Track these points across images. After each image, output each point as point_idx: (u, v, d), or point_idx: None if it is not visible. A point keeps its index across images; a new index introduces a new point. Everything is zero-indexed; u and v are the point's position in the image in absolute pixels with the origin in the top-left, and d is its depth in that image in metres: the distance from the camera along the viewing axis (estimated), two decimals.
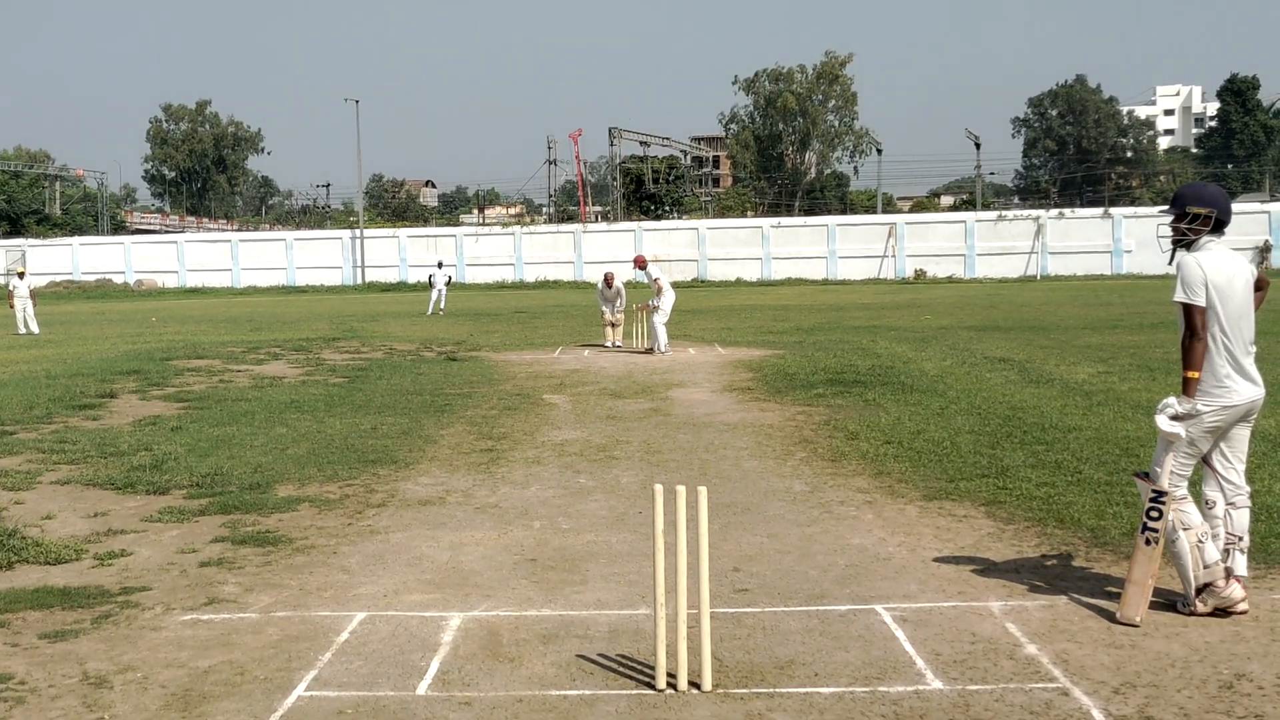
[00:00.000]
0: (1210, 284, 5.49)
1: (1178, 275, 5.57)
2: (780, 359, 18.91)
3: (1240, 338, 5.57)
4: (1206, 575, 5.59)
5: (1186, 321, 5.50)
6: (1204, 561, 5.59)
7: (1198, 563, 5.59)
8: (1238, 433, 5.68)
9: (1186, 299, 5.49)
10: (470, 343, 24.17)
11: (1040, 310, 31.85)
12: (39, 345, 25.81)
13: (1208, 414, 5.53)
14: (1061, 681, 4.88)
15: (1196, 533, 5.61)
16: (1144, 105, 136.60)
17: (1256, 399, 5.61)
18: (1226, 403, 5.52)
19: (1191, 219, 5.67)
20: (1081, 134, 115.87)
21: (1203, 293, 5.47)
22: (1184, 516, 5.62)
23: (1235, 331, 5.54)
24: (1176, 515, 5.59)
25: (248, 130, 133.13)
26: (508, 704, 4.75)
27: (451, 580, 6.60)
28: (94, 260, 70.41)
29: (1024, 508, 7.98)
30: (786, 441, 11.00)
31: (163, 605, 6.18)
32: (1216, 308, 5.51)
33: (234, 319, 36.03)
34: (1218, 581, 5.57)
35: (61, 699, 4.87)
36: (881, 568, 6.67)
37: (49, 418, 13.22)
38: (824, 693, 4.81)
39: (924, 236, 62.59)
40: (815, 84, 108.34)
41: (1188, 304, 5.49)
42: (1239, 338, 5.56)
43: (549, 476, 9.57)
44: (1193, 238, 5.67)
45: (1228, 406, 5.52)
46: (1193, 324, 5.47)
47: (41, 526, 7.99)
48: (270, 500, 8.72)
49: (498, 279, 64.90)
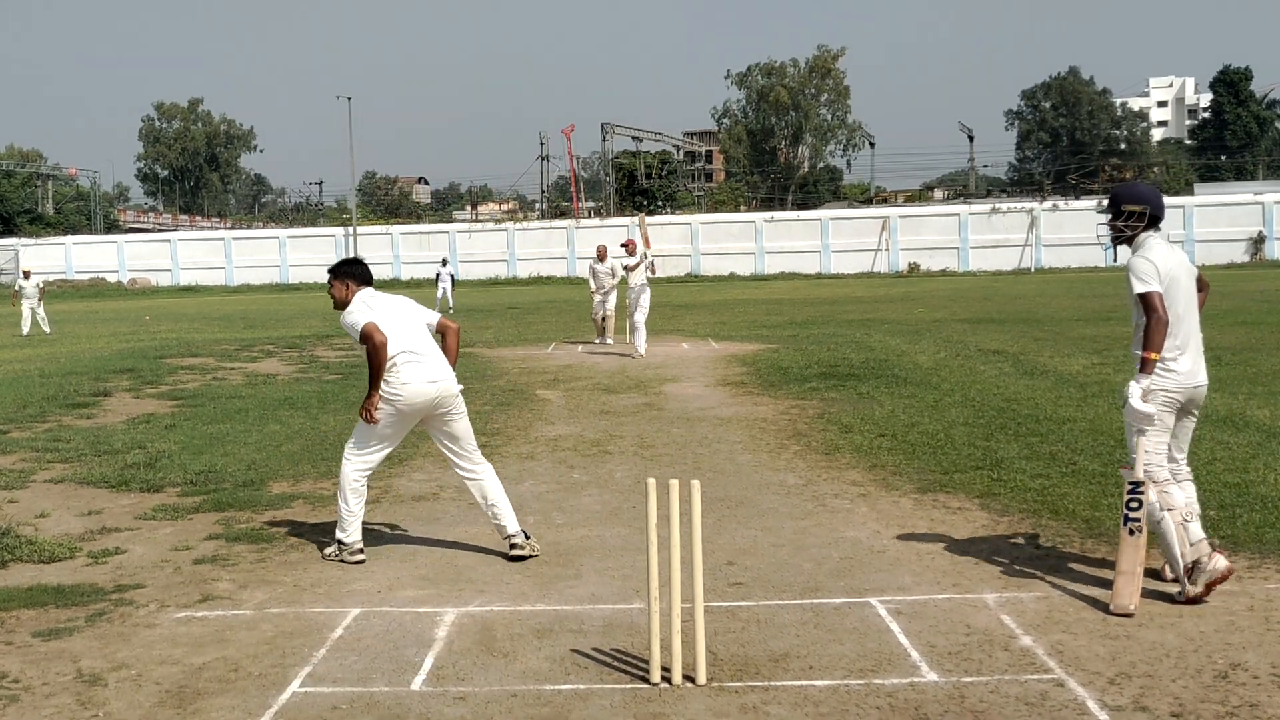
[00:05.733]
0: (1161, 273, 5.83)
1: (1130, 272, 5.88)
2: (774, 353, 18.91)
3: (1189, 322, 5.92)
4: (1193, 553, 5.73)
5: (1147, 307, 5.78)
6: (1190, 540, 5.75)
7: (1183, 541, 5.74)
8: (1183, 423, 6.02)
9: (1146, 288, 5.80)
10: (463, 339, 24.14)
11: (1034, 302, 31.88)
12: (32, 344, 25.76)
13: (1160, 390, 5.82)
14: (1057, 673, 4.88)
15: (1180, 513, 5.79)
16: (1137, 97, 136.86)
17: (1197, 392, 5.95)
18: (1181, 377, 5.85)
19: (1128, 216, 6.02)
20: (1075, 126, 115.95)
21: (1157, 281, 5.80)
22: (1167, 498, 5.80)
23: (1179, 324, 5.84)
24: (1160, 497, 5.77)
25: (240, 128, 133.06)
26: (502, 699, 4.75)
27: (445, 575, 6.59)
28: (87, 259, 70.30)
29: (1018, 499, 7.99)
30: (780, 435, 10.99)
31: (157, 603, 6.17)
32: (1170, 300, 5.82)
33: (227, 317, 35.98)
34: (1203, 558, 5.69)
35: (56, 697, 4.86)
36: (876, 560, 6.68)
37: (42, 416, 13.20)
38: (819, 685, 4.81)
39: (917, 230, 62.59)
40: (808, 78, 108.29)
41: (1147, 292, 5.79)
42: (1188, 322, 5.90)
43: (543, 471, 9.56)
44: (1130, 234, 6.03)
45: (1171, 391, 5.83)
46: (1154, 308, 5.76)
47: (35, 525, 7.97)
48: (264, 497, 8.71)
49: (491, 275, 64.84)
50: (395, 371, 6.78)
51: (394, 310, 6.96)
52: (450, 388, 6.92)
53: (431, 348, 6.98)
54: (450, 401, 6.93)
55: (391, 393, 6.79)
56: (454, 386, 6.94)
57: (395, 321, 6.87)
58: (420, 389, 6.80)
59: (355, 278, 7.10)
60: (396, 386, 6.78)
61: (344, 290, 7.06)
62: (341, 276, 7.10)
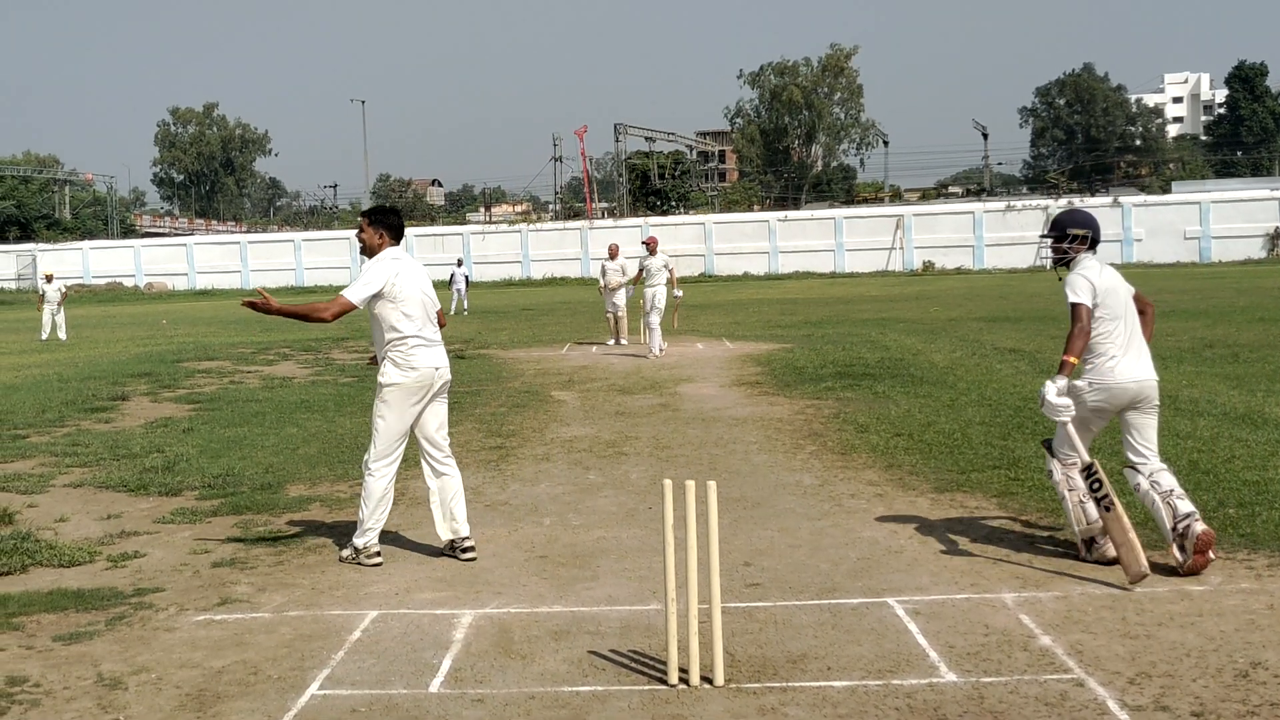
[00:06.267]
0: (1097, 289, 6.45)
1: (1067, 286, 6.50)
2: (789, 353, 18.89)
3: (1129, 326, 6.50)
4: (1088, 531, 6.45)
5: (1073, 318, 6.40)
6: (1086, 519, 6.44)
7: (1080, 519, 6.47)
8: (1136, 420, 6.51)
9: (1077, 299, 6.42)
10: (478, 340, 24.20)
11: (1050, 300, 31.76)
12: (50, 349, 25.88)
13: (1090, 394, 6.47)
14: (1076, 672, 4.86)
15: (1078, 494, 6.48)
16: (1152, 93, 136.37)
17: (1141, 387, 6.45)
18: (1109, 386, 6.43)
19: (1071, 239, 6.66)
20: (1090, 123, 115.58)
21: (1089, 297, 6.42)
22: (1071, 480, 6.51)
23: (1117, 327, 6.46)
24: (1064, 477, 6.52)
25: (255, 132, 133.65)
26: (520, 701, 4.75)
27: (463, 578, 6.60)
28: (104, 264, 70.68)
29: (1036, 499, 7.96)
30: (796, 435, 10.98)
31: (176, 606, 6.19)
32: (1102, 309, 6.44)
33: (243, 320, 36.08)
34: (1099, 538, 6.42)
35: (76, 701, 4.88)
36: (893, 560, 6.66)
37: (61, 421, 13.26)
38: (837, 686, 4.80)
39: (932, 228, 62.41)
40: (821, 77, 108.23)
41: (1076, 304, 6.42)
42: (1120, 333, 6.47)
43: (558, 473, 9.57)
44: (1072, 255, 6.65)
45: (1108, 389, 6.43)
46: (1078, 318, 6.39)
47: (55, 529, 8.01)
48: (282, 500, 8.74)
49: (505, 276, 64.94)
50: (409, 353, 6.92)
51: (415, 289, 6.99)
52: (447, 374, 7.14)
53: (438, 334, 7.13)
54: (445, 387, 7.13)
55: (401, 375, 6.90)
56: (448, 373, 7.15)
57: (414, 303, 6.96)
58: (427, 374, 6.95)
59: (390, 229, 7.15)
60: (406, 368, 6.91)
61: (376, 239, 7.11)
62: (376, 224, 7.13)
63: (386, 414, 6.95)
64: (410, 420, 7.01)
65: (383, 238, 7.11)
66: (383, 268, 6.96)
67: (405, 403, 6.94)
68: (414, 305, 6.95)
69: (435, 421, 7.11)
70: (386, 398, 6.93)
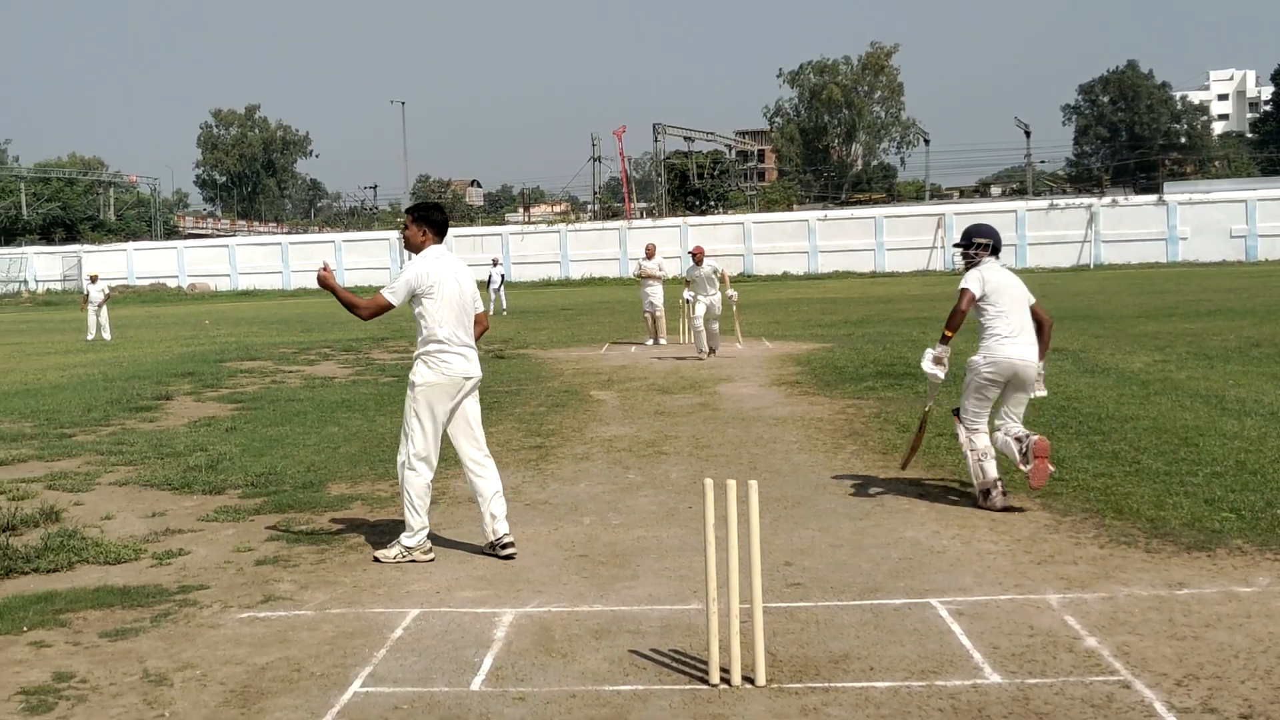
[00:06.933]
0: (986, 283, 7.92)
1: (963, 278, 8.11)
2: (829, 352, 18.81)
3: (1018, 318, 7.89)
4: (984, 484, 7.81)
5: (958, 298, 7.97)
6: (983, 475, 7.83)
7: (978, 474, 7.85)
8: (1012, 396, 7.94)
9: (964, 285, 8.00)
10: (517, 340, 24.26)
11: (1094, 299, 31.48)
12: (95, 349, 26.18)
13: (984, 367, 7.90)
14: (1123, 674, 4.80)
15: (978, 454, 7.87)
16: (1197, 90, 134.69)
17: (1024, 365, 7.81)
18: (995, 360, 7.84)
19: (978, 247, 8.14)
20: (1134, 120, 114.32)
21: (977, 287, 7.92)
22: (974, 442, 7.93)
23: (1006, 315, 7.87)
24: (968, 439, 7.96)
25: (296, 134, 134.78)
26: (561, 699, 4.75)
27: (503, 576, 6.61)
28: (148, 265, 71.47)
29: (1081, 499, 7.88)
30: (837, 435, 10.93)
31: (220, 603, 6.24)
32: (992, 299, 7.91)
33: (285, 320, 36.39)
34: (993, 490, 7.77)
35: (122, 697, 4.93)
36: (936, 561, 6.61)
37: (107, 420, 13.41)
38: (880, 687, 4.77)
39: None
40: (860, 75, 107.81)
41: (963, 288, 7.98)
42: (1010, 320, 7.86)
43: (598, 472, 9.57)
44: (978, 260, 8.11)
45: (997, 362, 7.83)
46: (961, 300, 7.97)
47: (101, 527, 8.10)
48: (323, 499, 8.80)
49: (544, 276, 65.07)
50: (444, 357, 6.97)
51: (453, 289, 7.01)
52: (478, 376, 7.19)
53: (472, 339, 7.17)
54: (475, 385, 7.18)
55: (433, 375, 6.95)
56: (479, 374, 7.22)
57: (450, 305, 6.98)
58: (458, 381, 7.00)
59: (434, 226, 7.18)
60: (441, 370, 6.96)
61: (420, 236, 7.15)
62: (420, 222, 7.18)
63: (420, 412, 6.97)
64: (444, 419, 7.04)
65: (426, 234, 7.12)
66: (418, 267, 6.98)
67: (438, 402, 6.97)
68: (450, 308, 6.95)
69: (467, 420, 7.14)
70: (418, 397, 6.96)
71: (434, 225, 7.14)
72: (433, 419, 6.98)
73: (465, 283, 7.12)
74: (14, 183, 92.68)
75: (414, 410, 6.99)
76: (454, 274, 7.06)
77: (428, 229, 7.12)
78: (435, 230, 7.14)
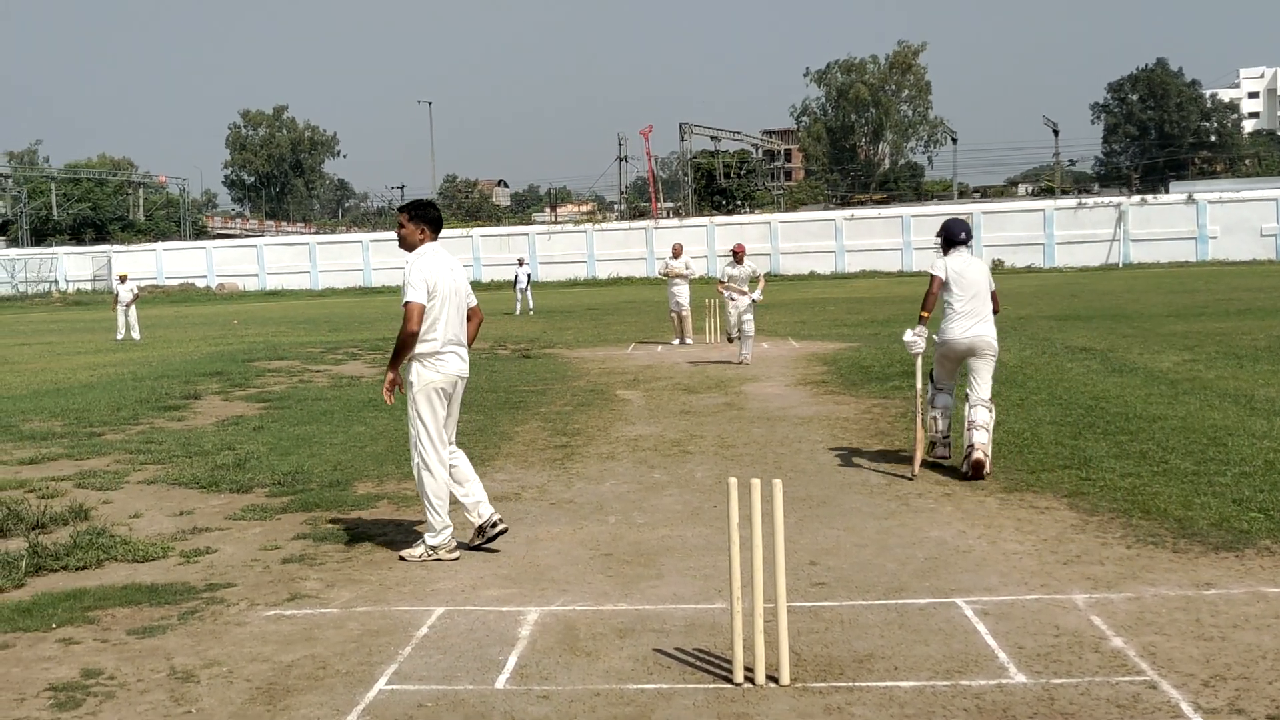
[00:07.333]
0: (949, 269, 9.05)
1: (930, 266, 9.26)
2: (855, 352, 18.76)
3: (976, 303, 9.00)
4: (933, 436, 9.33)
5: (930, 285, 9.15)
6: (936, 429, 9.32)
7: (931, 427, 9.33)
8: (975, 364, 9.06)
9: (931, 273, 9.19)
10: (543, 340, 24.30)
11: (1122, 298, 31.27)
12: (125, 349, 26.38)
13: (939, 342, 9.16)
14: (1149, 674, 4.77)
15: (936, 412, 9.33)
16: (1227, 88, 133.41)
17: (972, 341, 8.98)
18: (946, 340, 9.10)
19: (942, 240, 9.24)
20: (1163, 119, 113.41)
21: (943, 274, 9.04)
22: (937, 399, 9.40)
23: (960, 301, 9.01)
24: (933, 394, 9.41)
25: (324, 134, 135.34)
26: (585, 697, 4.76)
27: (528, 575, 6.63)
28: (177, 265, 71.95)
29: (1108, 499, 7.84)
30: (863, 434, 10.90)
31: (247, 601, 6.28)
32: (952, 285, 9.01)
33: (312, 320, 36.57)
34: (939, 444, 9.32)
35: (150, 693, 4.97)
36: (961, 560, 6.59)
37: (135, 419, 13.52)
38: (904, 686, 4.76)
39: (1001, 226, 61.45)
40: (888, 74, 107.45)
41: (932, 275, 9.14)
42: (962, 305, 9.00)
43: (623, 472, 9.58)
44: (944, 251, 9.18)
45: (947, 341, 9.09)
46: (933, 286, 9.12)
47: (129, 525, 8.16)
48: (350, 498, 8.84)
49: (570, 276, 65.12)
50: (441, 357, 7.06)
51: (449, 291, 7.06)
52: (467, 374, 7.27)
53: (465, 334, 7.24)
54: (462, 386, 7.27)
55: (430, 375, 7.03)
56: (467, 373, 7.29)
57: (448, 305, 7.04)
58: (453, 379, 7.10)
59: (429, 223, 7.23)
60: (437, 369, 7.04)
61: (416, 234, 7.19)
62: (415, 219, 7.22)
63: (423, 414, 7.05)
64: (444, 414, 7.14)
65: (424, 232, 7.18)
66: (420, 265, 7.04)
67: (437, 400, 7.08)
68: (448, 305, 7.03)
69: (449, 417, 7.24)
70: (419, 398, 7.03)
71: (430, 222, 7.21)
72: (435, 417, 7.07)
73: (460, 279, 7.23)
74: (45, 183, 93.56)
75: (417, 413, 7.06)
76: (450, 271, 7.15)
77: (425, 226, 7.19)
78: (432, 227, 7.22)
